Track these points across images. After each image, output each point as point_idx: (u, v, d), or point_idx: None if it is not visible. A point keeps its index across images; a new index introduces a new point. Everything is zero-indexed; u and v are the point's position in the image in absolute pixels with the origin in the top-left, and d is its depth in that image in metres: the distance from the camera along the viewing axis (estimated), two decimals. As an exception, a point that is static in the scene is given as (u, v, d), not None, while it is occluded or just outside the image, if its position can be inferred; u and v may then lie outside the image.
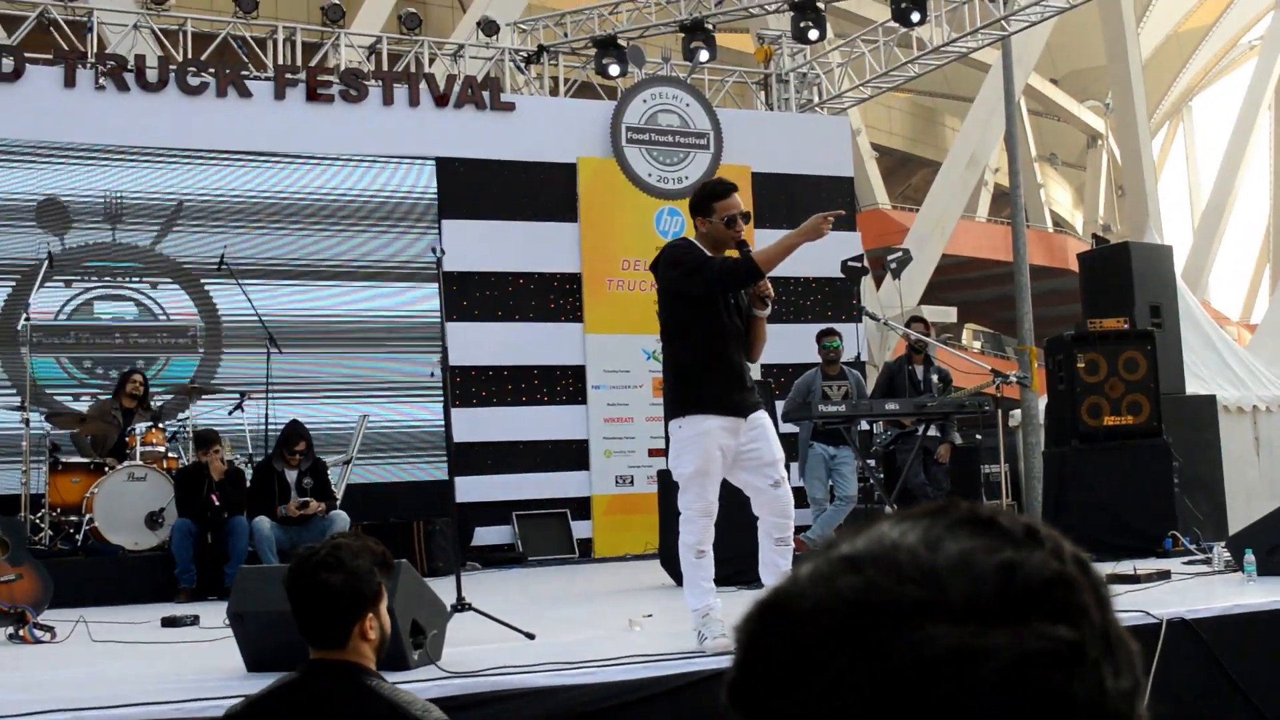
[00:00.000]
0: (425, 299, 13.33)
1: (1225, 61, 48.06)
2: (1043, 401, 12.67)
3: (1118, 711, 0.77)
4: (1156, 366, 9.82)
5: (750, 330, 5.91)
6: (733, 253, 5.78)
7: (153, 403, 11.30)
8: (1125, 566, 7.62)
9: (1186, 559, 8.46)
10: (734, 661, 0.82)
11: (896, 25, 15.43)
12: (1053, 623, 0.76)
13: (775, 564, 5.79)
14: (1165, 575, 7.46)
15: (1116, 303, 11.09)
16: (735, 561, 5.86)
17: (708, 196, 5.83)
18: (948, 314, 28.16)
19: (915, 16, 14.81)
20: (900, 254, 14.36)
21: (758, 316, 5.87)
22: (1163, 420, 9.77)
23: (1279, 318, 17.57)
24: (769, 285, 5.80)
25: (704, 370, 5.75)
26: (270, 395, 11.50)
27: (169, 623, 7.73)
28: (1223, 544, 7.97)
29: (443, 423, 9.12)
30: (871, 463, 10.44)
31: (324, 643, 3.11)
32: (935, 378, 11.21)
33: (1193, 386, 12.17)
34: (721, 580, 5.87)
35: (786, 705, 0.77)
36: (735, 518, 5.85)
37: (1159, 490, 9.41)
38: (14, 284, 12.15)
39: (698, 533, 5.71)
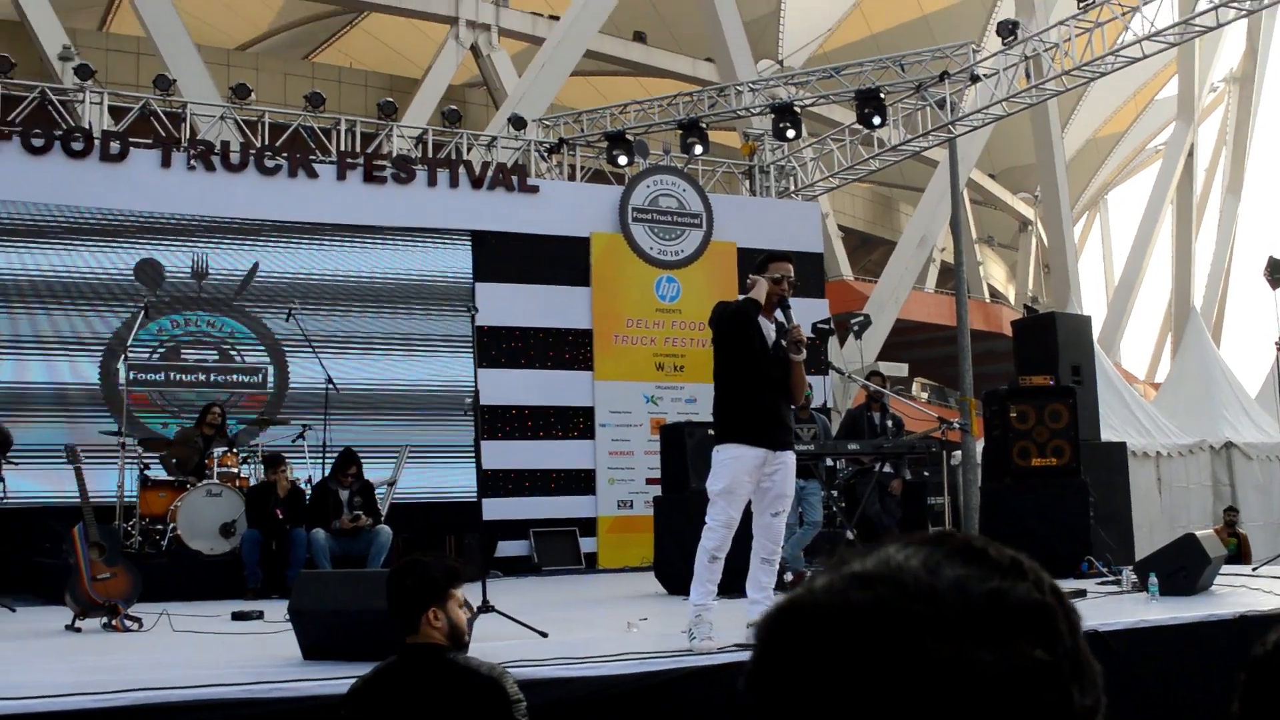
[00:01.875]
0: (462, 346, 13.30)
1: (1135, 163, 48.17)
2: (980, 444, 12.61)
3: None
4: (1076, 417, 9.79)
5: (790, 375, 5.86)
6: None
7: (228, 431, 11.28)
8: (1048, 585, 7.58)
9: (1099, 580, 8.42)
10: (753, 656, 0.81)
11: (860, 127, 15.54)
12: (1033, 645, 0.76)
13: (759, 579, 5.75)
14: (1081, 594, 7.42)
15: (1043, 363, 11.06)
16: (725, 574, 5.80)
17: (767, 259, 5.94)
18: (901, 369, 28.14)
19: (876, 120, 14.97)
20: (861, 318, 14.37)
21: (794, 360, 5.83)
22: (1081, 462, 9.74)
23: (1179, 378, 17.53)
24: (801, 332, 5.80)
25: (742, 408, 5.75)
26: (328, 425, 11.50)
27: (238, 617, 7.71)
28: (1130, 568, 7.93)
29: (473, 450, 9.09)
30: (835, 494, 10.39)
31: (403, 628, 3.41)
32: (890, 423, 11.19)
33: (1106, 434, 12.14)
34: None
35: (801, 697, 0.76)
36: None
37: (1077, 521, 9.36)
38: (115, 330, 12.15)
39: (717, 540, 5.66)
